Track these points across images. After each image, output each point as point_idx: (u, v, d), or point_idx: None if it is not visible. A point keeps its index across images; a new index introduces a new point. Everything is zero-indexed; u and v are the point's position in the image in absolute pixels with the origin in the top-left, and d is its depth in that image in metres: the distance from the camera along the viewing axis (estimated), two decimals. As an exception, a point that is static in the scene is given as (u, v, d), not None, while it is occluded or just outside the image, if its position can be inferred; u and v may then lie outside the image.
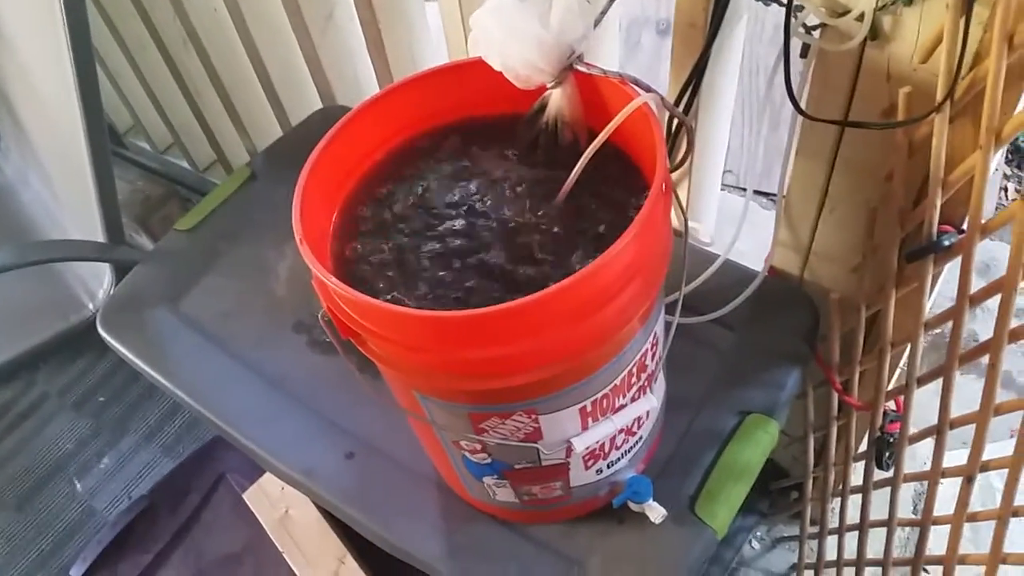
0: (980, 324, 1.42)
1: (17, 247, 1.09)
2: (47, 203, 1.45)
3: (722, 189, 1.00)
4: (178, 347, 0.90)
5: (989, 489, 1.03)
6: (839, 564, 0.97)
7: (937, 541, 0.75)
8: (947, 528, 0.70)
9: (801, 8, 0.61)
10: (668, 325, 0.65)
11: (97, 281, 1.43)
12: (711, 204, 0.96)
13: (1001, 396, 0.59)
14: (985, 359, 0.58)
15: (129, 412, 1.51)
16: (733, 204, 1.07)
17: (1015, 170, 1.71)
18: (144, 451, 1.44)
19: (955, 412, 0.67)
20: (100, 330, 0.92)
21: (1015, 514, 0.60)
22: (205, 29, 1.33)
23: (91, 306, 1.43)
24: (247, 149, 1.58)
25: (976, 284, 0.59)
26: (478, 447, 0.59)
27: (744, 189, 1.67)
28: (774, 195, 1.66)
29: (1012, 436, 0.59)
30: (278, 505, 0.99)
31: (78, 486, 1.41)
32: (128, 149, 1.87)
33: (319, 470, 0.77)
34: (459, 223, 0.56)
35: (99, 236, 1.15)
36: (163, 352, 0.89)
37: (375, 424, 0.79)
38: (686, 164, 0.85)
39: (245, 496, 1.01)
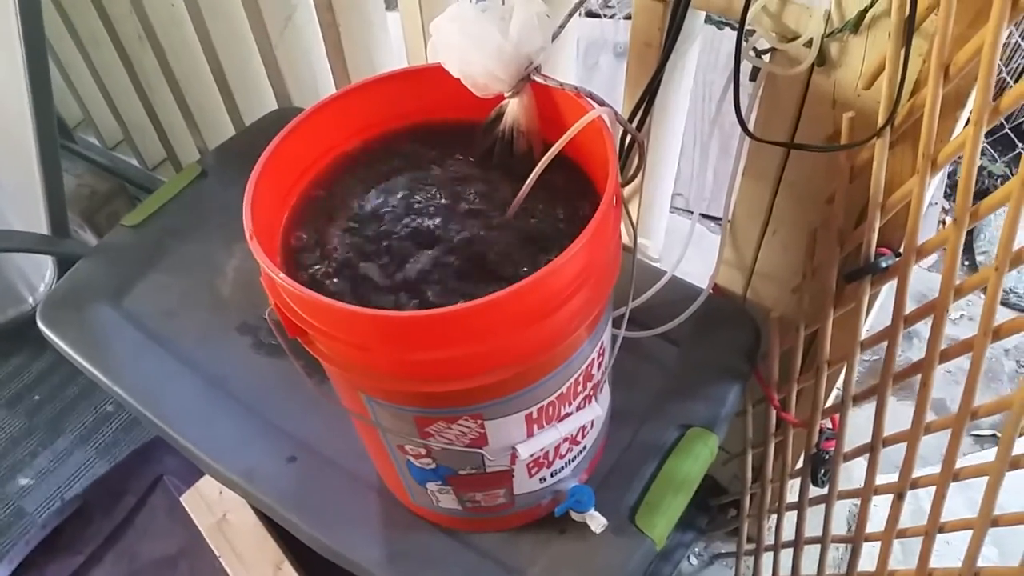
0: (916, 352, 1.46)
1: (-44, 236, 1.06)
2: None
3: (672, 211, 1.02)
4: (119, 344, 0.88)
5: (919, 511, 1.06)
6: (774, 580, 0.99)
7: (868, 559, 0.77)
8: (878, 545, 0.72)
9: (752, 32, 0.63)
10: (615, 338, 0.66)
11: (38, 275, 1.39)
12: (660, 222, 0.97)
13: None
14: (918, 381, 0.60)
15: (65, 412, 1.47)
16: (681, 226, 1.09)
17: (953, 204, 1.78)
18: (79, 452, 1.41)
19: (888, 433, 0.69)
20: (40, 324, 0.89)
21: (941, 530, 0.62)
22: (161, 25, 1.31)
23: (31, 300, 1.39)
24: (199, 148, 1.56)
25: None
26: (423, 452, 0.59)
27: (704, 216, 1.70)
28: (721, 219, 1.70)
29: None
30: (216, 509, 0.97)
31: (8, 485, 1.37)
32: (77, 143, 1.83)
33: (259, 473, 0.76)
34: (411, 226, 0.56)
35: (43, 229, 1.12)
36: (104, 349, 0.87)
37: (318, 429, 0.78)
38: (637, 180, 0.86)
39: (182, 499, 0.99)
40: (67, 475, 1.38)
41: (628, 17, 2.13)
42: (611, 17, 2.15)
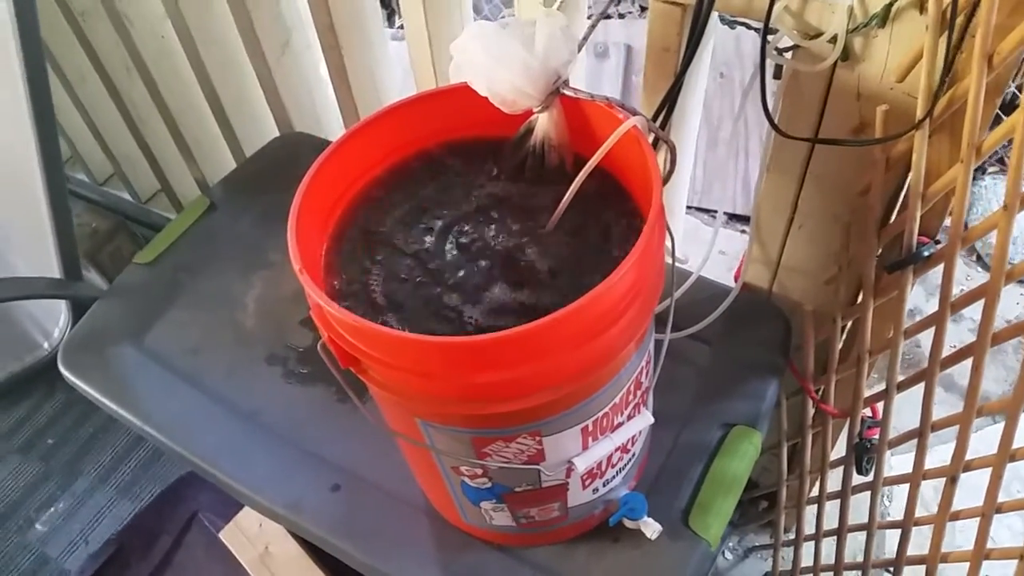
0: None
1: (-31, 287, 1.05)
2: (-7, 241, 1.39)
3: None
4: (146, 383, 0.87)
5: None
6: (816, 569, 0.99)
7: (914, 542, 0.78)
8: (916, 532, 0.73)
9: (775, 31, 0.63)
10: (659, 343, 0.66)
11: (52, 319, 1.37)
12: (678, 223, 0.98)
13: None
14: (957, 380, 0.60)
15: (81, 453, 1.45)
16: (695, 226, 1.10)
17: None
18: (99, 493, 1.39)
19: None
20: (62, 369, 0.88)
21: (998, 510, 0.63)
22: (151, 56, 1.30)
23: (46, 345, 1.38)
24: (195, 178, 1.55)
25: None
26: (479, 472, 0.59)
27: (704, 210, 1.71)
28: (712, 211, 1.71)
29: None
30: (257, 542, 0.96)
31: (29, 533, 1.35)
32: (68, 181, 1.81)
33: (304, 503, 0.75)
34: (454, 249, 0.56)
35: (55, 272, 1.11)
36: (130, 389, 0.86)
37: (359, 455, 0.78)
38: (665, 184, 0.86)
39: (221, 535, 0.98)
40: (89, 517, 1.36)
41: (606, 16, 2.15)
42: (589, 18, 2.15)
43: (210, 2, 1.14)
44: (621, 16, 2.18)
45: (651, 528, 0.66)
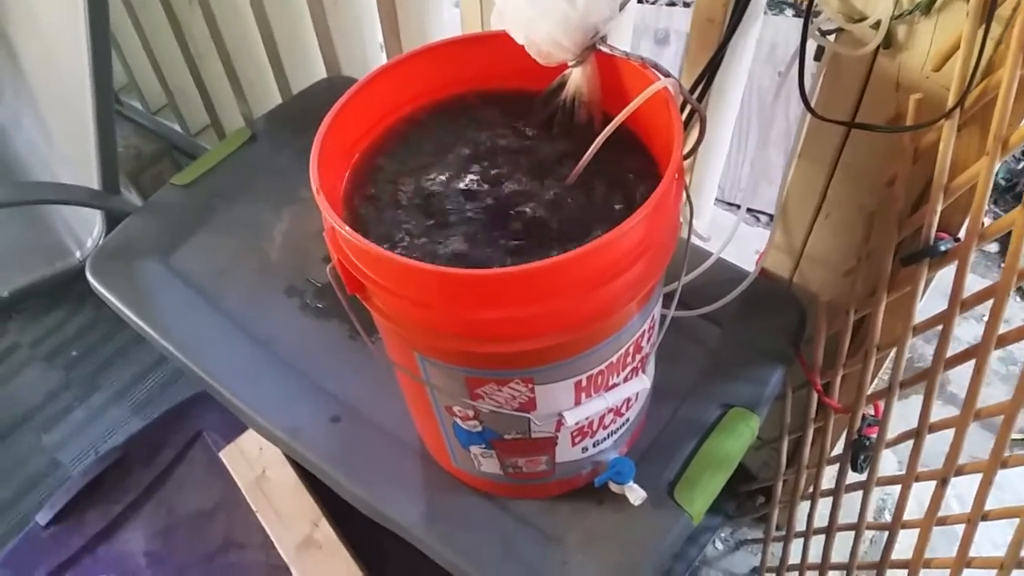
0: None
1: (11, 185, 1.07)
2: (39, 147, 1.42)
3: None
4: (168, 300, 0.89)
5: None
6: (802, 567, 0.99)
7: (899, 545, 0.78)
8: (907, 535, 0.72)
9: (819, 12, 0.62)
10: (664, 316, 0.66)
11: (86, 230, 1.40)
12: (708, 202, 0.97)
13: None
14: (950, 384, 0.60)
15: (102, 369, 1.49)
16: (721, 216, 1.09)
17: (991, 204, 1.77)
18: (115, 408, 1.43)
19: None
20: (89, 276, 0.91)
21: (984, 518, 0.62)
22: (213, -10, 1.32)
23: (78, 254, 1.41)
24: (243, 115, 1.57)
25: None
26: (471, 414, 0.60)
27: (731, 204, 1.70)
28: (758, 212, 1.70)
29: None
30: (255, 465, 0.98)
31: (44, 438, 1.40)
32: (122, 105, 1.85)
33: (304, 431, 0.77)
34: (472, 190, 0.57)
35: (94, 184, 1.13)
36: (152, 303, 0.89)
37: (363, 391, 0.79)
38: (691, 158, 0.86)
39: (221, 454, 1.01)
40: (102, 430, 1.40)
41: (670, 4, 2.13)
42: (653, 3, 2.14)
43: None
44: (687, 4, 2.16)
45: (636, 494, 0.67)
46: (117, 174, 1.14)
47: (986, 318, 0.57)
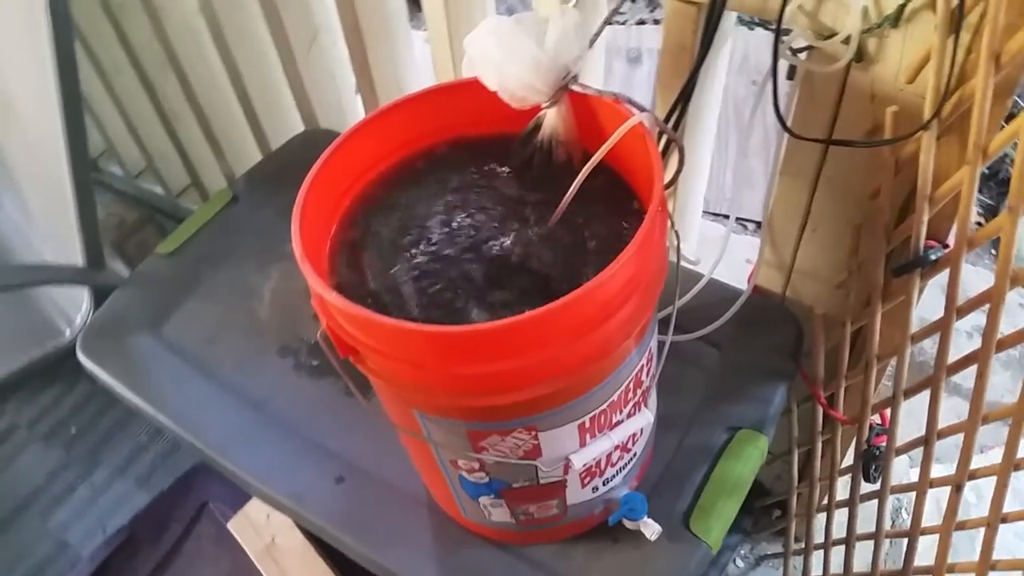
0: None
1: (-3, 270, 1.07)
2: (21, 227, 1.42)
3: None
4: (161, 372, 0.88)
5: (963, 504, 1.05)
6: (825, 579, 0.98)
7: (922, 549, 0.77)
8: (927, 541, 0.71)
9: (788, 31, 0.62)
10: (661, 344, 0.65)
11: (74, 307, 1.40)
12: (694, 225, 0.97)
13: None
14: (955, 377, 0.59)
15: (102, 443, 1.47)
16: (707, 229, 1.09)
17: (978, 195, 1.78)
18: (118, 483, 1.41)
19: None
20: (80, 355, 0.90)
21: (1003, 520, 0.61)
22: (185, 51, 1.32)
23: (68, 332, 1.40)
24: (224, 173, 1.57)
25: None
26: (476, 466, 0.59)
27: (717, 215, 1.70)
28: (744, 220, 1.70)
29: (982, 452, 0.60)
30: (264, 533, 0.97)
31: (49, 520, 1.38)
32: (101, 173, 1.85)
33: (308, 494, 0.76)
34: (455, 241, 0.57)
35: (78, 261, 1.13)
36: (145, 377, 0.88)
37: (365, 448, 0.78)
38: (673, 185, 0.86)
39: (229, 525, 0.99)
40: (108, 506, 1.38)
41: (640, 23, 2.15)
42: (623, 24, 2.15)
43: (241, -1, 1.16)
44: (656, 22, 2.17)
45: (651, 529, 0.66)
46: (101, 248, 1.14)
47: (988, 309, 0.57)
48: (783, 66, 0.63)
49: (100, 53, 1.50)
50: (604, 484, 0.65)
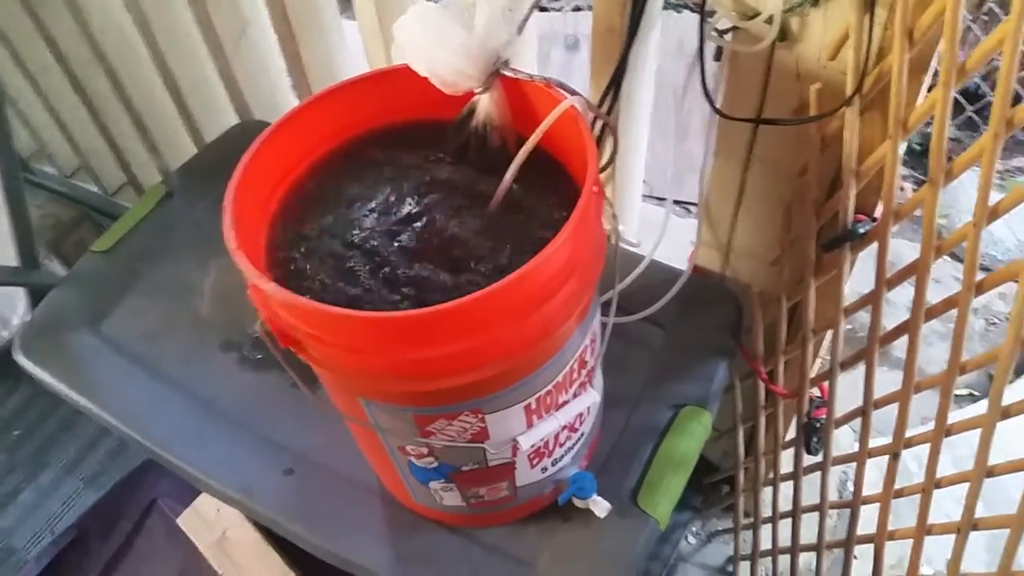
0: (890, 322, 1.49)
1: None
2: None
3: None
4: (103, 370, 0.87)
5: (905, 472, 1.08)
6: (774, 552, 1.00)
7: (863, 522, 0.79)
8: (873, 509, 0.73)
9: (713, 13, 0.63)
10: (604, 325, 0.66)
11: (10, 307, 1.36)
12: (634, 207, 0.98)
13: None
14: (895, 348, 0.61)
15: (46, 445, 1.45)
16: (650, 212, 1.11)
17: (910, 170, 1.84)
18: (65, 484, 1.39)
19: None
20: (18, 357, 0.88)
21: (938, 485, 0.64)
22: (113, 47, 1.29)
23: (5, 334, 1.37)
24: (159, 169, 1.54)
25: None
26: (424, 451, 0.60)
27: (659, 198, 1.72)
28: (687, 203, 1.72)
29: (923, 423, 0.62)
30: (215, 527, 0.96)
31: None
32: (34, 174, 1.80)
33: (257, 487, 0.75)
34: (392, 228, 0.57)
35: (12, 261, 1.10)
36: (87, 376, 0.86)
37: (313, 439, 0.78)
38: (609, 168, 0.87)
39: (179, 520, 0.98)
40: (55, 508, 1.36)
41: (576, 9, 2.15)
42: (559, 10, 2.16)
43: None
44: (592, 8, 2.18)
45: (600, 507, 0.67)
46: (34, 248, 1.11)
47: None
48: (710, 48, 0.65)
49: (24, 52, 1.46)
50: (553, 464, 0.66)
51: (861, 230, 0.62)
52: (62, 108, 1.56)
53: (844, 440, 0.97)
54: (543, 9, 2.18)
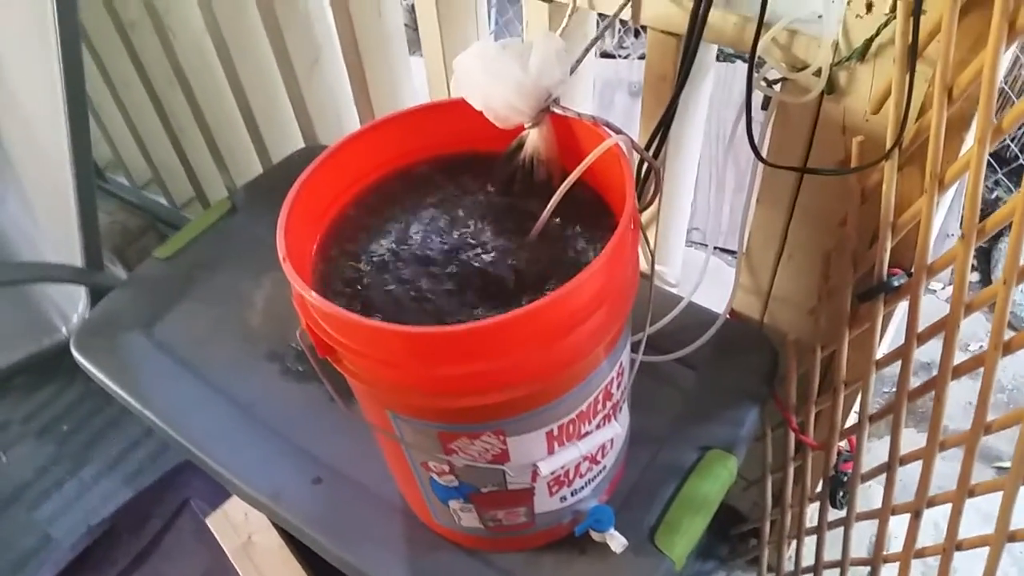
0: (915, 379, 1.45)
1: (-2, 266, 1.09)
2: (24, 224, 1.45)
3: (689, 245, 1.04)
4: (151, 371, 0.90)
5: (934, 528, 1.06)
6: (795, 607, 0.99)
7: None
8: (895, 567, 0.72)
9: (763, 63, 0.65)
10: (632, 360, 0.67)
11: (72, 305, 1.42)
12: (677, 250, 0.99)
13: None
14: (923, 406, 0.61)
15: (93, 441, 1.50)
16: (699, 259, 1.12)
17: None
18: (106, 480, 1.43)
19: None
20: (74, 352, 0.92)
21: (959, 547, 0.63)
22: (192, 68, 1.36)
23: (64, 330, 1.42)
24: (227, 186, 1.60)
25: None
26: (446, 468, 0.61)
27: (705, 244, 1.73)
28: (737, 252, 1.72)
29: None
30: (241, 531, 0.98)
31: (35, 513, 1.39)
32: (107, 182, 1.88)
33: (286, 494, 0.78)
34: (437, 250, 0.59)
35: (77, 261, 1.16)
36: (135, 376, 0.90)
37: (343, 451, 0.80)
38: (653, 208, 0.89)
39: (208, 521, 1.01)
40: (94, 503, 1.40)
41: (642, 57, 2.19)
42: (625, 58, 2.19)
43: (246, 18, 1.20)
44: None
45: (617, 542, 0.67)
46: (100, 250, 1.16)
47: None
48: (758, 97, 0.66)
49: (111, 68, 1.54)
50: (572, 495, 0.67)
51: (896, 283, 0.62)
52: (140, 122, 1.64)
53: (877, 496, 0.96)
54: (610, 56, 2.22)
